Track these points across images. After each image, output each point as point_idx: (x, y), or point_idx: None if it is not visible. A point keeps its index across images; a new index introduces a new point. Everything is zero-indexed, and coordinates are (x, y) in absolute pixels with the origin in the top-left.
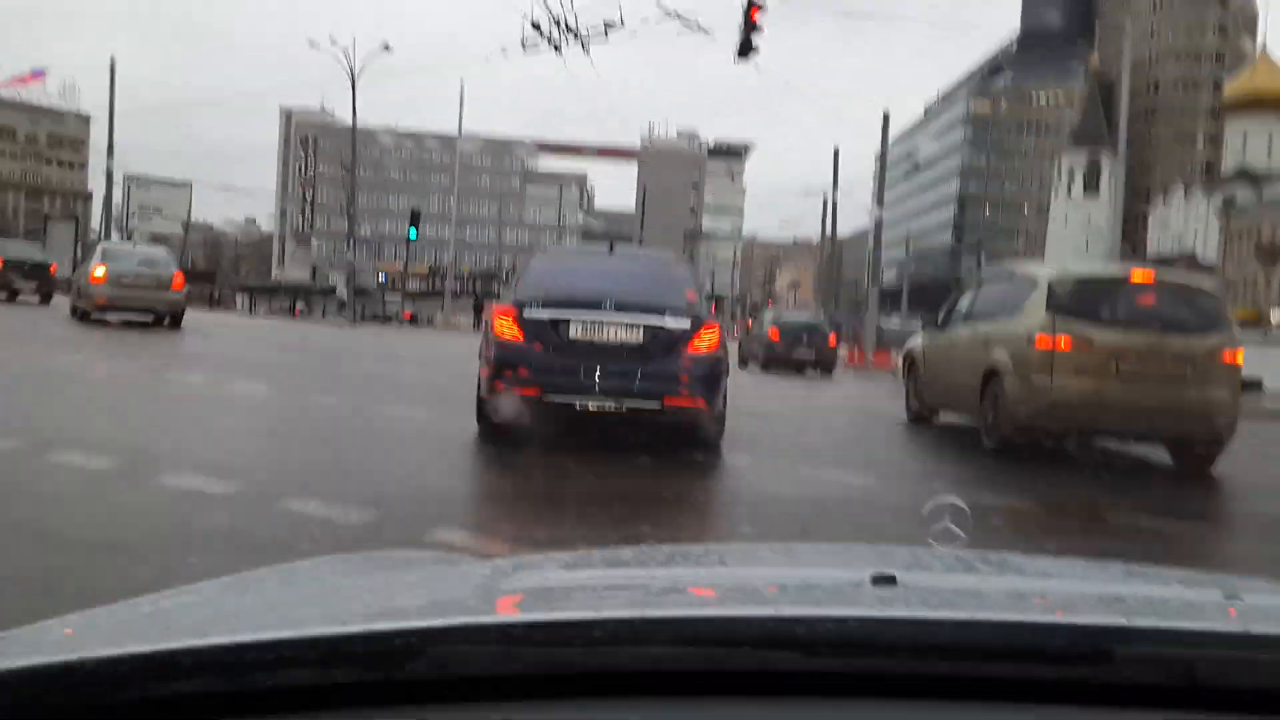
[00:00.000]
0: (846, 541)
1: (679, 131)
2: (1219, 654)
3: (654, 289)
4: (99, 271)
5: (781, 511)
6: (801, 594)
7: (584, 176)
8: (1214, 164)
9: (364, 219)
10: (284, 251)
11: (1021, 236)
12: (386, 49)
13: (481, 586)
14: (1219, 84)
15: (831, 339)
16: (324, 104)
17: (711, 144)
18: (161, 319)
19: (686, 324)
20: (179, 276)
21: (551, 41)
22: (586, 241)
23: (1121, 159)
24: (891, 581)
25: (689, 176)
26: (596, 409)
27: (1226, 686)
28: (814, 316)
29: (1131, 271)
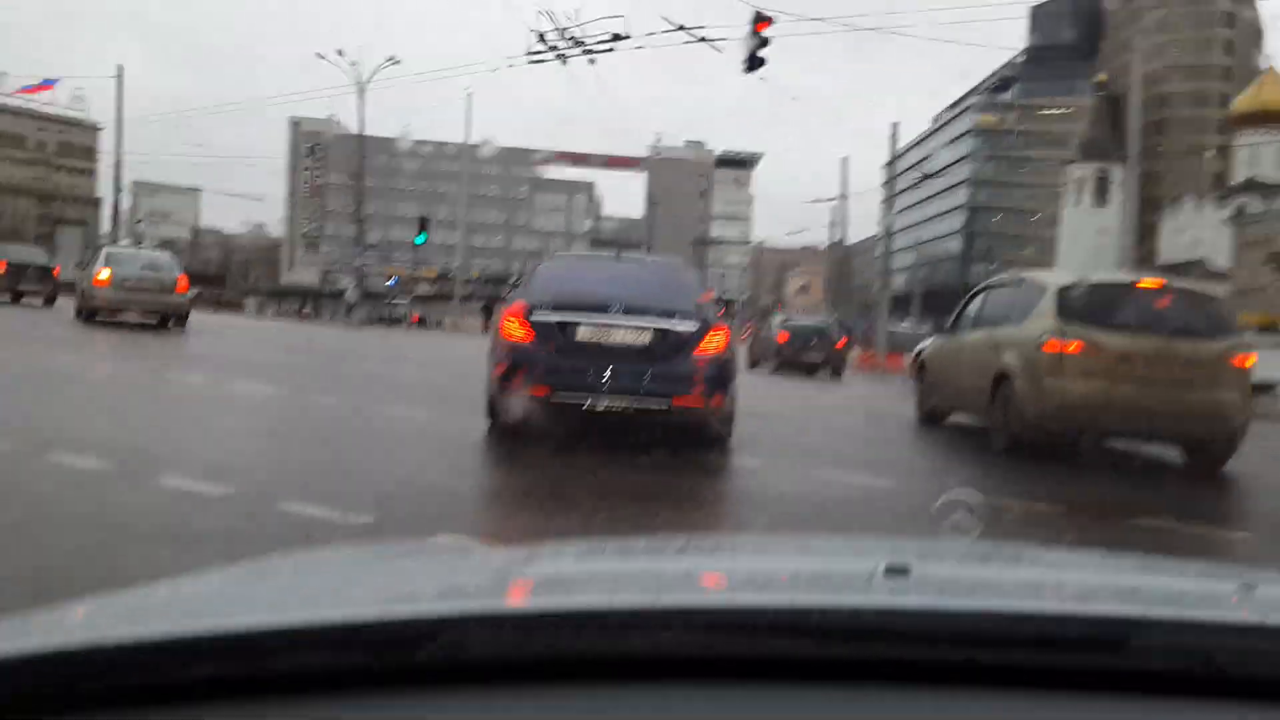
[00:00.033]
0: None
1: (686, 142)
2: (1237, 643)
3: (661, 293)
4: (103, 275)
5: (787, 511)
6: (815, 584)
7: (592, 185)
8: (1223, 175)
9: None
10: (293, 256)
11: (1032, 245)
12: (394, 62)
13: (495, 574)
14: (1227, 98)
15: (840, 342)
16: (332, 114)
17: (719, 154)
18: (166, 321)
19: (694, 326)
20: (183, 280)
21: (557, 52)
22: (594, 249)
23: (1133, 169)
24: (905, 572)
25: (697, 185)
26: (605, 408)
27: (1244, 676)
28: (822, 320)
29: (1139, 278)
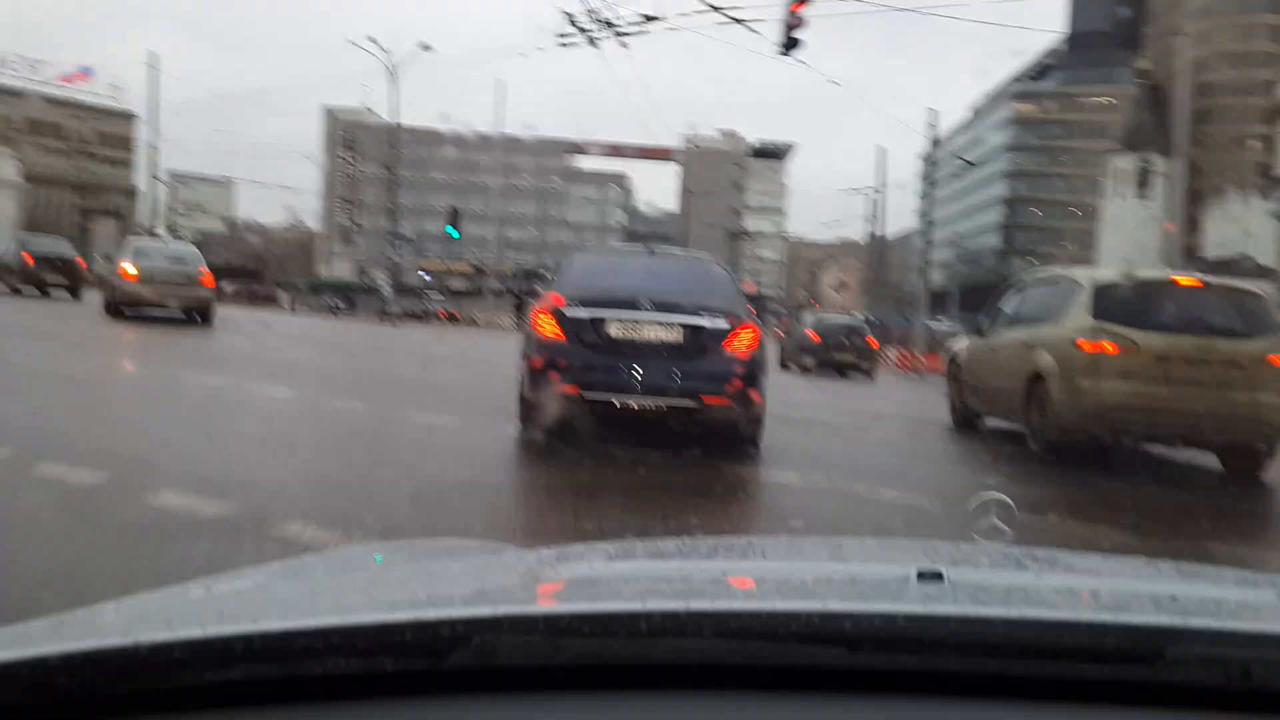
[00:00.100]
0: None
1: (721, 132)
2: (1275, 655)
3: (692, 289)
4: (129, 268)
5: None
6: (847, 589)
7: (625, 176)
8: (1269, 166)
9: (407, 217)
10: (329, 249)
11: (1072, 238)
12: (426, 49)
13: (526, 576)
14: (1272, 86)
15: (872, 341)
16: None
17: (754, 144)
18: (191, 315)
19: (724, 324)
20: (208, 273)
21: (587, 34)
22: (628, 241)
23: (1181, 159)
24: (938, 578)
25: (731, 176)
26: (636, 407)
27: (1278, 690)
28: (854, 318)
29: (1176, 275)
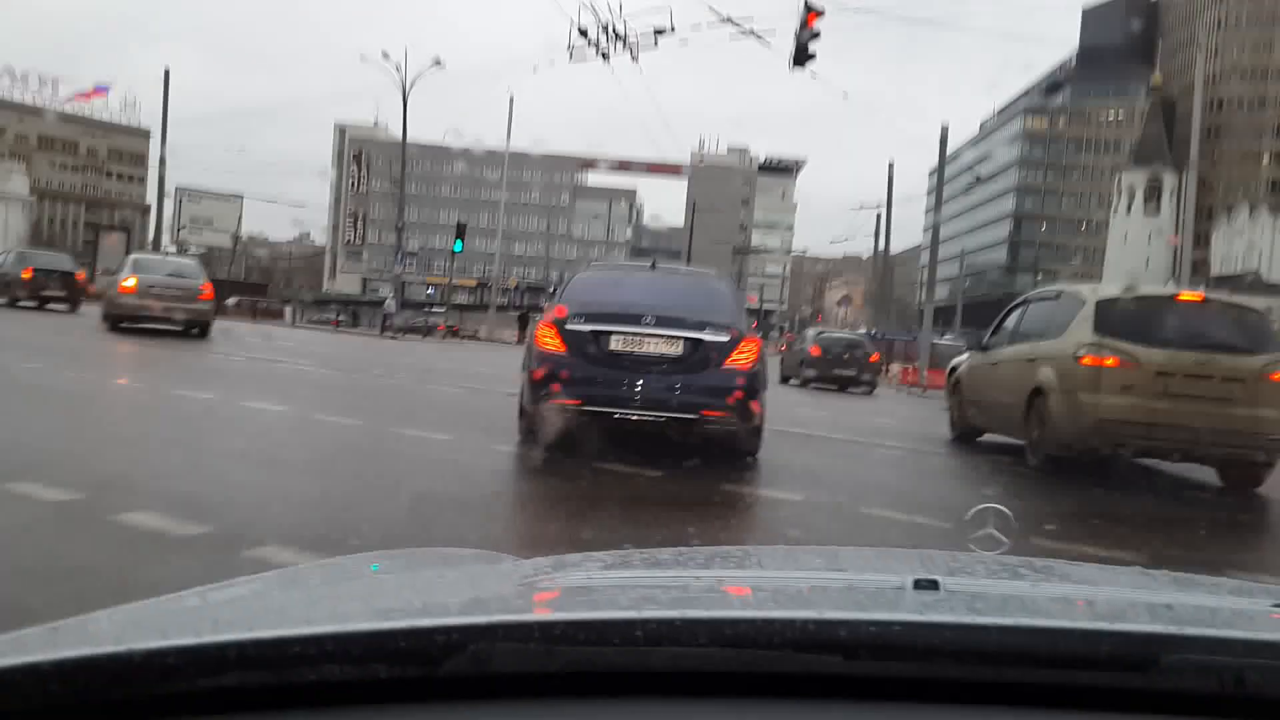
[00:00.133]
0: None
1: (729, 147)
2: (1270, 664)
3: (694, 304)
4: (129, 281)
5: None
6: (843, 597)
7: (633, 191)
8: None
9: (414, 232)
10: (336, 264)
11: (1079, 255)
12: (438, 64)
13: (522, 584)
14: None
15: (874, 356)
16: (377, 118)
17: (762, 160)
18: (190, 329)
19: (725, 338)
20: (207, 287)
21: (599, 49)
22: (634, 257)
23: (1192, 174)
24: (934, 586)
25: (739, 192)
26: (636, 420)
27: (1274, 698)
28: (856, 334)
29: (1179, 291)
